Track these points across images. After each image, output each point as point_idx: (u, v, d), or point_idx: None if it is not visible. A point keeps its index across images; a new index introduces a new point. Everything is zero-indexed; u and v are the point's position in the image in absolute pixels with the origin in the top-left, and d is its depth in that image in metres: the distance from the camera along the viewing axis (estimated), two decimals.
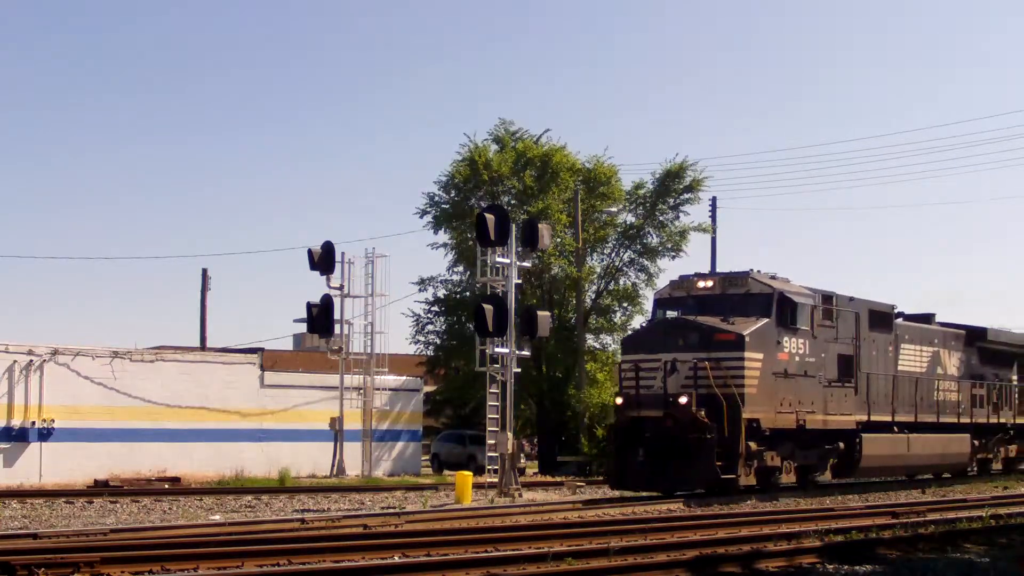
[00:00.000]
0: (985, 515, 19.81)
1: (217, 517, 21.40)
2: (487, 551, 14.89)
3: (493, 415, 27.95)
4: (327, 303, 37.52)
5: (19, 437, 32.82)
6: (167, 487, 30.99)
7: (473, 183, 44.71)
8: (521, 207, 43.79)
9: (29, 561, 12.58)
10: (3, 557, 12.82)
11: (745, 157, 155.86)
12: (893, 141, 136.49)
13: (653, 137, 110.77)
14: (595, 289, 46.19)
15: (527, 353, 29.18)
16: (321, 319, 37.47)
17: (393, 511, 21.64)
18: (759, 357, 26.10)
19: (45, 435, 33.10)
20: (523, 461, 32.97)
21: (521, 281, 32.51)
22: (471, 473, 27.49)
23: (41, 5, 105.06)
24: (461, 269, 45.80)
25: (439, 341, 46.90)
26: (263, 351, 40.68)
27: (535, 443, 49.19)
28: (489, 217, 28.02)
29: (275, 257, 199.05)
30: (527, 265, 30.14)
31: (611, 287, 46.56)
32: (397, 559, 13.88)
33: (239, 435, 36.93)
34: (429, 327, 47.08)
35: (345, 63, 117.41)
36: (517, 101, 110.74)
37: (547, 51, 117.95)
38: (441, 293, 46.74)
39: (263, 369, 38.72)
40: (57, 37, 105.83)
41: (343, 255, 37.94)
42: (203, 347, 47.88)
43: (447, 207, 45.42)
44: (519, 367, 29.03)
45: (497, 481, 27.33)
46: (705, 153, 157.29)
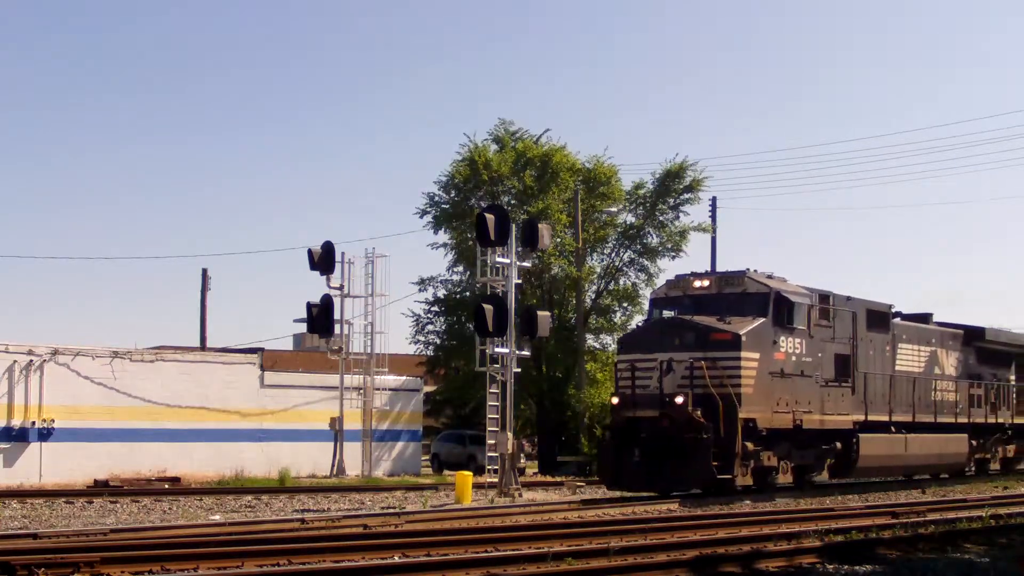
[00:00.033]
0: (985, 515, 19.81)
1: (217, 517, 21.40)
2: (487, 551, 14.89)
3: (493, 415, 27.95)
4: (327, 303, 37.52)
5: (19, 437, 32.82)
6: (167, 487, 30.99)
7: (473, 183, 44.71)
8: (521, 207, 43.78)
9: (29, 561, 12.58)
10: (3, 557, 12.82)
11: (745, 157, 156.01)
12: (893, 141, 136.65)
13: (653, 137, 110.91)
14: (595, 289, 46.19)
15: (527, 353, 29.18)
16: (321, 319, 37.47)
17: (393, 511, 21.65)
18: (755, 357, 26.05)
19: (45, 435, 33.10)
20: (523, 461, 32.97)
21: (521, 281, 32.51)
22: (471, 473, 27.49)
23: (41, 5, 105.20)
24: (461, 269, 45.82)
25: (439, 341, 46.91)
26: (263, 351, 40.68)
27: (535, 443, 49.18)
28: (489, 217, 28.02)
29: (275, 257, 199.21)
30: (527, 265, 30.15)
31: (611, 287, 46.55)
32: (397, 559, 13.88)
33: (239, 435, 36.94)
34: (429, 327, 47.11)
35: (345, 63, 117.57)
36: (517, 101, 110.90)
37: (547, 51, 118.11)
38: (441, 293, 46.80)
39: (263, 369, 38.72)
40: (57, 37, 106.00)
41: (343, 255, 37.99)
42: (203, 347, 47.88)
43: (447, 207, 45.41)
44: (519, 367, 29.04)
45: (497, 481, 27.34)
46: (705, 153, 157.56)
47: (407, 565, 13.22)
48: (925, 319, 34.93)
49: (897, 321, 32.63)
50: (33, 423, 32.95)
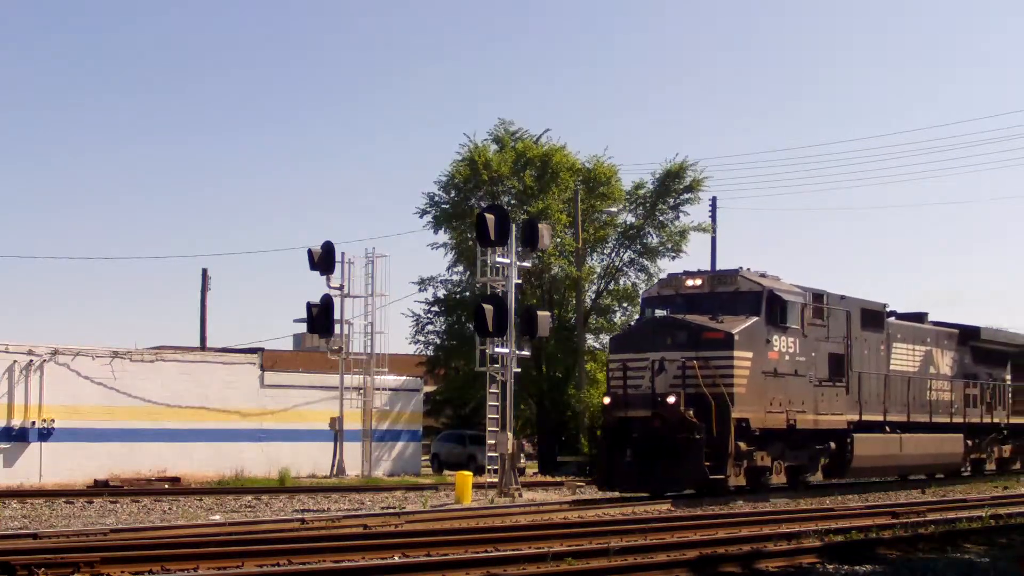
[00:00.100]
0: (985, 515, 19.82)
1: (217, 517, 21.41)
2: (487, 551, 14.90)
3: (493, 415, 27.95)
4: (327, 303, 37.53)
5: (19, 437, 32.82)
6: (167, 487, 31.00)
7: (473, 183, 44.71)
8: (521, 207, 43.78)
9: (29, 561, 12.58)
10: (3, 557, 12.82)
11: (745, 157, 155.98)
12: (893, 141, 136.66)
13: (653, 137, 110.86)
14: (595, 289, 46.19)
15: (527, 353, 29.18)
16: (321, 319, 37.48)
17: (393, 511, 21.65)
18: (748, 356, 25.91)
19: (45, 435, 33.10)
20: (523, 461, 32.96)
21: (521, 281, 32.50)
22: (471, 473, 27.50)
23: (41, 5, 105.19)
24: (461, 269, 45.83)
25: (439, 341, 46.91)
26: (263, 351, 40.69)
27: (535, 443, 49.19)
28: (489, 217, 28.02)
29: (275, 257, 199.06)
30: (527, 265, 30.14)
31: (611, 287, 46.55)
32: (397, 559, 13.88)
33: (239, 435, 36.94)
34: (429, 327, 47.13)
35: (345, 63, 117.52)
36: (517, 101, 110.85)
37: (547, 51, 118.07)
38: (441, 293, 46.80)
39: (263, 369, 38.72)
40: (57, 37, 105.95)
41: (343, 255, 38.00)
42: (203, 347, 47.88)
43: (447, 207, 45.42)
44: (519, 367, 29.03)
45: (497, 481, 27.33)
46: (705, 153, 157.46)
47: (407, 565, 13.22)
48: (920, 318, 34.78)
49: (892, 320, 32.48)
50: (33, 423, 32.96)
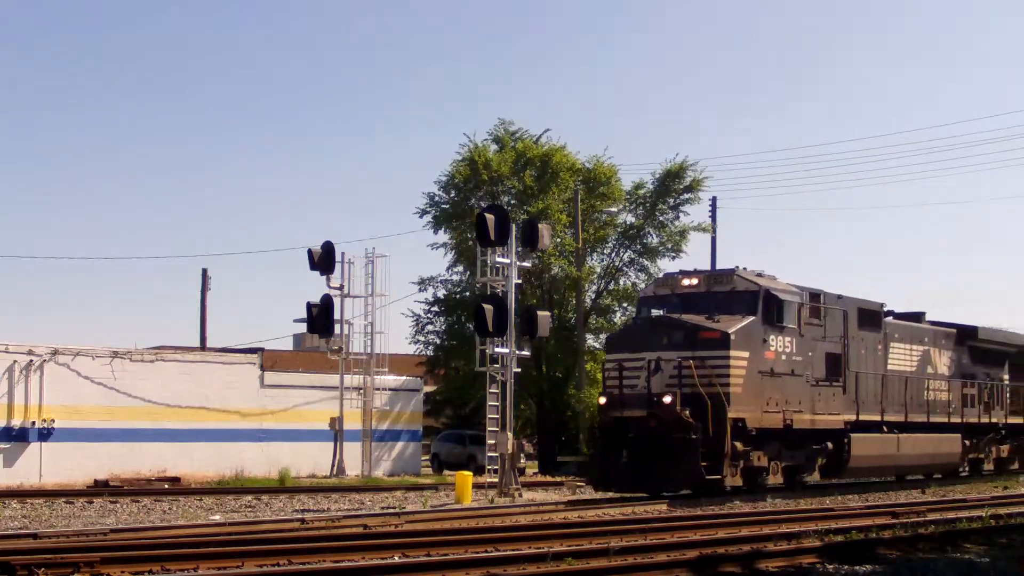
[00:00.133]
0: (985, 515, 19.82)
1: (217, 517, 21.41)
2: (487, 551, 14.90)
3: (493, 415, 27.94)
4: (327, 303, 37.53)
5: (19, 437, 32.82)
6: (167, 487, 31.00)
7: (473, 183, 44.71)
8: (521, 207, 43.78)
9: (29, 561, 12.58)
10: (3, 557, 12.82)
11: (745, 157, 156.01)
12: (893, 141, 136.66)
13: (653, 137, 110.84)
14: (595, 289, 46.20)
15: (527, 353, 29.17)
16: (321, 319, 37.47)
17: (393, 511, 21.65)
18: (745, 356, 25.84)
19: (45, 435, 33.10)
20: (523, 461, 32.96)
21: (521, 281, 32.49)
22: (471, 473, 27.51)
23: (41, 5, 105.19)
24: (461, 269, 45.83)
25: (439, 341, 46.92)
26: (263, 351, 40.69)
27: (535, 443, 49.20)
28: (489, 217, 28.01)
29: (275, 257, 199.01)
30: (527, 265, 30.14)
31: (611, 287, 46.55)
32: (397, 559, 13.89)
33: (239, 435, 36.94)
34: (429, 327, 47.14)
35: (345, 63, 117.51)
36: (517, 101, 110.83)
37: (547, 51, 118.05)
38: (441, 293, 46.82)
39: (263, 369, 38.73)
40: (57, 37, 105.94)
41: (343, 255, 37.99)
42: (203, 347, 47.88)
43: (447, 207, 45.42)
44: (519, 367, 29.02)
45: (497, 481, 27.33)
46: (705, 153, 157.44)
47: (407, 565, 13.22)
48: (918, 318, 34.71)
49: (889, 320, 32.42)
50: (33, 423, 32.96)
